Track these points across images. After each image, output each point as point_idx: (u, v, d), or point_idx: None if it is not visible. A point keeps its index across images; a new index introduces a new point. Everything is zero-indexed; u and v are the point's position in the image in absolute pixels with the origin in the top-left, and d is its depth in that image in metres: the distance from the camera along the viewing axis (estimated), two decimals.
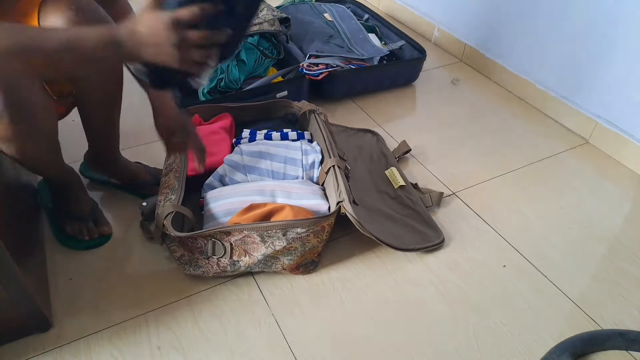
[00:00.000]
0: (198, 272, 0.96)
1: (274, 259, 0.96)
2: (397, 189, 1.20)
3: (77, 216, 1.04)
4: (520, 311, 0.97)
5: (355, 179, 1.20)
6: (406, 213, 1.14)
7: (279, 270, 0.99)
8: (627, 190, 1.29)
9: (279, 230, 0.91)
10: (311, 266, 1.01)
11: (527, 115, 1.56)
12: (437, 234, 1.10)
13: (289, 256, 0.96)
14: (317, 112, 1.21)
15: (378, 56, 1.60)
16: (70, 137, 1.12)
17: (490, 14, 1.68)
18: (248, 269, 0.97)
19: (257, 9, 0.75)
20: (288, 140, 1.16)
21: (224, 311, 0.94)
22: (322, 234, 0.96)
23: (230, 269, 0.96)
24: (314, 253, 0.99)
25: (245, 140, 1.16)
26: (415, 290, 1.00)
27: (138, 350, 0.87)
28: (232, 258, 0.94)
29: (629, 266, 1.08)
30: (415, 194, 1.19)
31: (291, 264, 0.97)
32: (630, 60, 1.30)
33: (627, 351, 0.91)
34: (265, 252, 0.93)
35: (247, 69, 1.42)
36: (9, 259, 0.74)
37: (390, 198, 1.18)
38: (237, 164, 1.08)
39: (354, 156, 1.29)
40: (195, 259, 0.94)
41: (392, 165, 1.26)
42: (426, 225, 1.12)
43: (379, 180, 1.23)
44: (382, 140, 1.37)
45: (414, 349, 0.90)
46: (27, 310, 0.83)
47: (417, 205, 1.16)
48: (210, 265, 0.95)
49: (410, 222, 1.12)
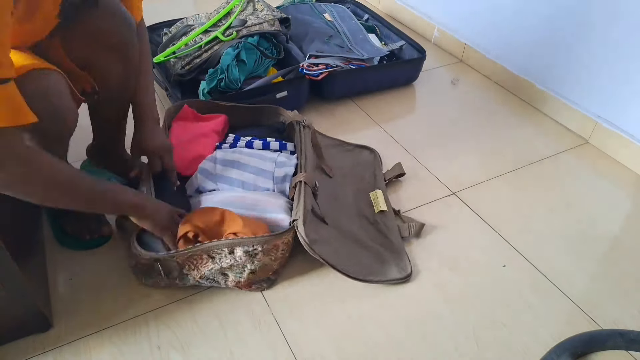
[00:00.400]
0: (149, 283, 0.95)
1: (222, 274, 0.94)
2: (377, 213, 1.13)
3: (77, 217, 1.04)
4: (520, 311, 0.97)
5: (337, 197, 1.15)
6: (379, 241, 1.07)
7: (229, 287, 0.97)
8: (627, 190, 1.29)
9: (225, 248, 0.89)
10: (265, 284, 0.97)
11: (527, 115, 1.56)
12: (404, 266, 1.02)
13: (238, 273, 0.93)
14: (302, 124, 1.18)
15: (378, 56, 1.60)
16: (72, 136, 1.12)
17: (490, 14, 1.68)
18: (197, 283, 0.95)
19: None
20: (269, 149, 1.14)
21: (223, 311, 0.94)
22: (275, 253, 0.93)
23: (179, 282, 0.95)
24: (267, 271, 0.96)
25: (227, 145, 1.15)
26: (415, 290, 1.00)
27: (138, 350, 0.87)
28: (181, 272, 0.93)
29: (629, 266, 1.08)
30: (393, 222, 1.12)
31: (241, 281, 0.95)
32: (631, 60, 1.30)
33: (627, 351, 0.91)
34: (212, 268, 0.92)
35: (247, 69, 1.42)
36: (9, 259, 0.74)
37: (368, 222, 1.11)
38: (209, 172, 1.07)
39: (344, 173, 1.24)
40: (148, 271, 0.93)
41: (378, 188, 1.20)
42: (395, 256, 1.04)
43: (363, 202, 1.17)
44: (378, 159, 1.31)
45: (414, 349, 0.90)
46: (27, 310, 0.83)
47: (391, 233, 1.09)
48: (160, 277, 0.94)
49: (380, 250, 1.05)
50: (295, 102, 1.43)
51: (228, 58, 1.38)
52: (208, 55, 1.43)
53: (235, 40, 1.43)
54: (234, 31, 1.44)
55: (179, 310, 0.94)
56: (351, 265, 0.99)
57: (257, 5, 1.52)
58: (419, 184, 1.26)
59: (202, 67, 1.43)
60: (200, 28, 1.47)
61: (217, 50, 1.42)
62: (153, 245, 0.94)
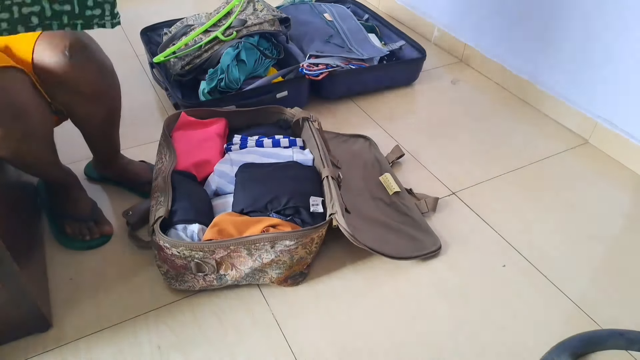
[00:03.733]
0: (184, 287, 0.95)
1: (261, 272, 0.94)
2: (392, 195, 1.18)
3: (77, 217, 1.04)
4: (520, 311, 0.97)
5: (349, 186, 1.18)
6: (402, 220, 1.13)
7: (266, 283, 0.98)
8: (627, 190, 1.29)
9: (267, 242, 0.89)
10: (300, 278, 0.99)
11: (527, 115, 1.56)
12: (434, 240, 1.08)
13: (277, 269, 0.94)
14: (310, 120, 1.19)
15: (378, 56, 1.60)
16: (70, 137, 1.12)
17: (490, 14, 1.68)
18: (235, 283, 0.96)
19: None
20: (280, 147, 1.14)
21: (224, 311, 0.94)
22: (310, 246, 0.94)
23: (217, 283, 0.95)
24: (303, 265, 0.97)
25: (236, 146, 1.14)
26: (415, 290, 1.00)
27: (138, 350, 0.87)
28: (218, 272, 0.93)
29: (629, 266, 1.08)
30: (410, 200, 1.18)
31: (279, 277, 0.95)
32: (631, 60, 1.30)
33: (627, 351, 0.91)
34: (252, 265, 0.92)
35: (247, 69, 1.42)
36: (9, 259, 0.74)
37: (385, 205, 1.16)
38: (227, 174, 1.07)
39: (348, 163, 1.27)
40: (181, 274, 0.93)
41: (386, 171, 1.25)
42: (423, 232, 1.10)
43: (374, 186, 1.21)
44: (375, 145, 1.35)
45: (414, 349, 0.90)
46: (27, 310, 0.83)
47: (412, 211, 1.14)
48: (197, 280, 0.94)
49: (406, 229, 1.10)
50: (295, 102, 1.43)
51: (228, 58, 1.39)
52: (208, 55, 1.43)
53: (235, 40, 1.43)
54: (234, 31, 1.44)
55: (179, 310, 0.94)
56: (388, 248, 1.02)
57: (257, 5, 1.52)
58: (419, 184, 1.26)
59: (202, 67, 1.43)
60: (200, 28, 1.47)
61: (217, 50, 1.42)
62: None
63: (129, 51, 1.78)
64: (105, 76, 0.92)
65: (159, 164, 1.06)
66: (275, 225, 0.93)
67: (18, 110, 0.77)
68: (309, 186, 1.02)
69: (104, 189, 1.18)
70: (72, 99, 0.90)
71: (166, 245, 0.87)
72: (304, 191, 1.00)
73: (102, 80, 0.91)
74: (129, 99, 1.51)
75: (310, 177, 1.05)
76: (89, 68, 0.87)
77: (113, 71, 0.94)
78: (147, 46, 1.61)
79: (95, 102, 0.93)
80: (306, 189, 1.01)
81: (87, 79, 0.88)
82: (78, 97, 0.90)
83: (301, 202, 0.98)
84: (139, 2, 2.13)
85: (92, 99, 0.92)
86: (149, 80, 1.62)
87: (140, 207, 1.09)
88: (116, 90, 0.97)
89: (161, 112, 1.47)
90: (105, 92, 0.94)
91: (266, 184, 1.01)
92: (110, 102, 0.97)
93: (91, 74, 0.88)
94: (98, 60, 0.89)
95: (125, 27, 1.92)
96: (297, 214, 0.98)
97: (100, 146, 1.09)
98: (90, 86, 0.89)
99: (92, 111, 0.95)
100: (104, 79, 0.91)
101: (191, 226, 0.92)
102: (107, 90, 0.94)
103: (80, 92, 0.89)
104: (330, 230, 0.98)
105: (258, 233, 0.91)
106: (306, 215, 0.97)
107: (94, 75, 0.89)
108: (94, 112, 0.95)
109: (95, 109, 0.95)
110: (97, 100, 0.93)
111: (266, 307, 0.95)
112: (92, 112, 0.95)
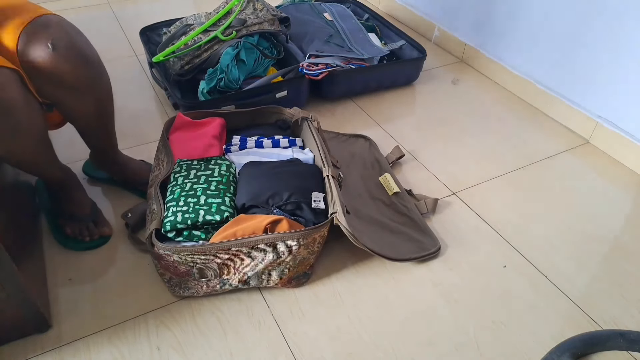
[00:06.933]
0: (188, 294, 0.95)
1: (264, 274, 0.94)
2: (392, 195, 1.18)
3: (76, 217, 1.04)
4: (520, 311, 0.97)
5: (349, 186, 1.18)
6: (401, 221, 1.12)
7: (270, 286, 0.98)
8: (627, 190, 1.29)
9: (268, 244, 0.89)
10: (303, 279, 0.99)
11: (528, 115, 1.56)
12: (434, 242, 1.08)
13: (280, 271, 0.94)
14: (310, 120, 1.18)
15: (378, 56, 1.60)
16: (70, 137, 1.12)
17: (490, 14, 1.67)
18: (238, 287, 0.95)
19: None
20: (280, 147, 1.14)
21: (223, 312, 0.94)
22: (312, 246, 0.94)
23: (220, 288, 0.95)
24: (306, 265, 0.97)
25: (236, 147, 1.13)
26: (416, 291, 1.00)
27: (138, 350, 0.87)
28: (221, 277, 0.92)
29: (629, 266, 1.08)
30: (410, 201, 1.17)
31: (282, 278, 0.95)
32: (631, 60, 1.30)
33: (628, 351, 0.91)
34: (255, 267, 0.91)
35: (246, 68, 1.42)
36: (8, 259, 0.74)
37: (385, 205, 1.16)
38: None
39: (347, 163, 1.27)
40: (185, 281, 0.93)
41: (386, 172, 1.24)
42: (422, 233, 1.10)
43: (373, 187, 1.21)
44: (374, 146, 1.35)
45: (414, 349, 0.90)
46: (27, 311, 0.83)
47: (412, 212, 1.14)
48: (200, 286, 0.94)
49: (405, 230, 1.10)
50: (295, 102, 1.43)
51: (227, 58, 1.38)
52: (207, 54, 1.42)
53: (234, 40, 1.42)
54: (233, 31, 1.44)
55: (179, 311, 0.94)
56: (388, 249, 1.02)
57: (256, 5, 1.52)
58: (419, 184, 1.26)
59: (201, 66, 1.43)
60: (200, 27, 1.46)
61: (217, 50, 1.42)
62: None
63: (128, 51, 1.77)
64: (91, 67, 0.90)
65: (155, 171, 1.06)
66: (275, 221, 0.91)
67: (5, 107, 0.76)
68: (311, 182, 1.02)
69: (103, 189, 1.18)
70: (59, 92, 0.89)
71: (167, 252, 0.87)
72: (306, 187, 1.00)
73: (88, 72, 0.89)
74: (129, 99, 1.51)
75: (312, 173, 1.05)
76: (73, 60, 0.85)
77: (100, 62, 0.93)
78: (147, 46, 1.61)
79: (83, 94, 0.92)
80: (308, 185, 1.01)
81: (73, 72, 0.86)
82: (64, 90, 0.89)
83: (303, 198, 0.98)
84: (138, 2, 2.13)
85: (79, 92, 0.91)
86: (149, 80, 1.61)
87: (139, 209, 1.08)
88: (104, 82, 0.95)
89: (160, 112, 1.46)
90: (92, 84, 0.92)
91: (268, 179, 1.00)
92: (98, 94, 0.95)
93: (76, 65, 0.86)
94: (83, 52, 0.87)
95: (124, 27, 1.92)
96: (299, 210, 0.97)
97: (94, 141, 1.07)
98: (76, 78, 0.88)
99: (80, 104, 0.93)
100: (89, 70, 0.90)
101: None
102: (93, 82, 0.92)
103: (66, 84, 0.87)
104: (332, 230, 0.98)
105: (260, 228, 0.90)
106: (308, 211, 0.97)
107: (79, 67, 0.87)
108: (82, 105, 0.94)
109: (84, 101, 0.93)
110: (85, 93, 0.92)
111: (266, 308, 0.95)
112: (81, 105, 0.94)
